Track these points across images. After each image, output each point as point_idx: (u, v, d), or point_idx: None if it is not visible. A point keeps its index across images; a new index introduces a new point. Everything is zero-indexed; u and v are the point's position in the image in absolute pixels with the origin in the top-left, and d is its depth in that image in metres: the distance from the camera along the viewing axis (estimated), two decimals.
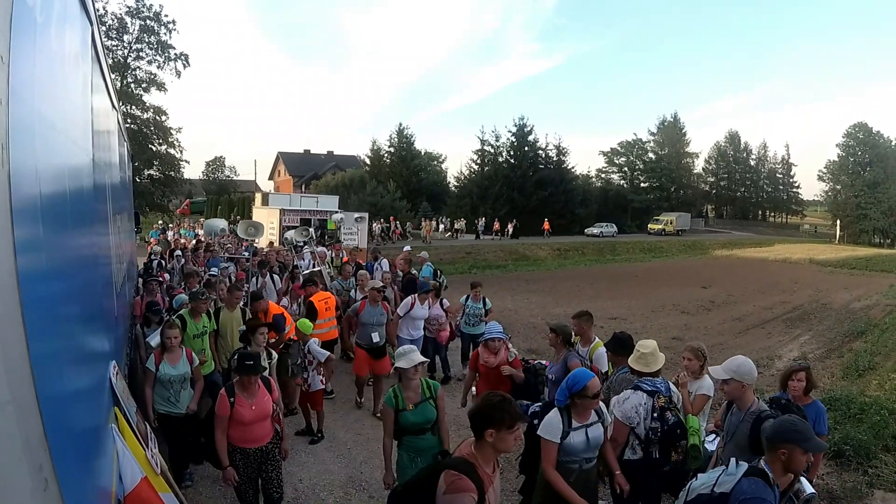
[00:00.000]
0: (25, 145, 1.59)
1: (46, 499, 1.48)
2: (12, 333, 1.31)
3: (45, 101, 2.05)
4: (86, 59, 3.63)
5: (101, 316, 3.90)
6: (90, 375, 2.90)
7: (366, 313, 8.57)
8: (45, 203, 1.89)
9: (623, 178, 74.13)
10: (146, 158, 43.76)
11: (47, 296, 1.89)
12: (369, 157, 62.33)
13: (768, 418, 4.22)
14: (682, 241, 52.53)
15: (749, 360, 4.54)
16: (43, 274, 1.81)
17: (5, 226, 1.33)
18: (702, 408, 5.39)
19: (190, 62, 45.59)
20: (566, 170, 62.09)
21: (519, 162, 58.76)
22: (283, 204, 29.18)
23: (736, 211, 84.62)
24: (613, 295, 22.73)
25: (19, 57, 1.51)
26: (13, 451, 1.20)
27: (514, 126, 60.18)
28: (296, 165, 71.21)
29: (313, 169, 67.39)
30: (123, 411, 3.69)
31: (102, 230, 4.60)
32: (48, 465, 1.53)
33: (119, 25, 42.48)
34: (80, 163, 3.16)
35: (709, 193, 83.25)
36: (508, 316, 16.47)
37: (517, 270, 32.51)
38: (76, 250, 2.80)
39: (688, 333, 15.20)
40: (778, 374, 12.12)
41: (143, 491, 3.40)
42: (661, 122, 74.54)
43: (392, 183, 52.64)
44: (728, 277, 29.23)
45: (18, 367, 1.33)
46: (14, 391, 1.25)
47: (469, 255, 35.75)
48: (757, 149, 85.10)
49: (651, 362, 5.13)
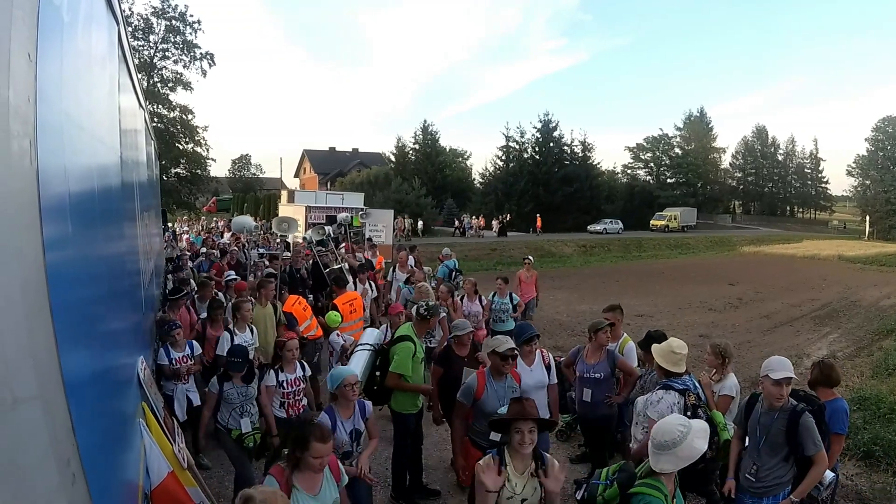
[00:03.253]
0: (53, 144, 1.61)
1: (74, 493, 1.49)
2: (41, 330, 1.33)
3: (73, 100, 2.07)
4: (112, 58, 3.67)
5: (129, 312, 3.95)
6: (118, 370, 2.94)
7: (490, 396, 5.00)
8: (73, 201, 1.92)
9: (649, 173, 73.40)
10: (173, 157, 44.22)
11: (76, 292, 1.91)
12: (394, 154, 62.56)
13: (805, 412, 4.27)
14: (708, 237, 51.63)
15: (785, 360, 4.49)
16: (71, 270, 1.83)
17: (34, 223, 1.34)
18: (727, 408, 5.34)
19: (215, 61, 45.86)
20: (592, 165, 61.61)
21: (544, 158, 58.40)
22: (308, 201, 29.31)
23: (763, 207, 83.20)
24: (639, 292, 22.51)
25: (46, 56, 1.53)
26: (40, 446, 1.22)
27: (539, 122, 59.89)
28: (321, 163, 71.49)
29: (338, 166, 67.64)
30: (151, 406, 3.75)
31: (130, 228, 4.65)
32: (76, 459, 1.55)
33: (145, 26, 42.94)
34: (107, 161, 3.21)
35: (736, 189, 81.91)
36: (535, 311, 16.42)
37: (542, 267, 32.23)
38: (104, 247, 2.83)
39: (715, 331, 15.01)
40: (807, 372, 11.99)
41: (170, 485, 3.45)
42: (688, 116, 73.40)
43: (417, 180, 52.69)
44: (755, 274, 28.76)
45: (46, 362, 1.35)
46: (42, 386, 1.26)
47: (494, 252, 35.67)
48: (785, 143, 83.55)
49: (684, 363, 5.06)
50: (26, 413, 1.12)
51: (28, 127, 1.30)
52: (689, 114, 73.47)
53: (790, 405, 4.35)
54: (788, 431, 4.27)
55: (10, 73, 1.14)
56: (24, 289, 1.21)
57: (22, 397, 1.09)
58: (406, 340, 5.85)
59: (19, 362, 1.12)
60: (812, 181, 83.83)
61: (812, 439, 4.22)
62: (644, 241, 46.40)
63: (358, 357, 6.13)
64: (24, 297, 1.20)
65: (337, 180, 61.27)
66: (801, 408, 4.30)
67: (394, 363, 5.77)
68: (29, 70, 1.33)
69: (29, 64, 1.33)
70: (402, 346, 5.80)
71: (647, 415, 4.81)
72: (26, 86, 1.30)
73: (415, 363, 5.84)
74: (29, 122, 1.32)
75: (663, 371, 5.01)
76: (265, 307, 7.83)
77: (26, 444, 1.11)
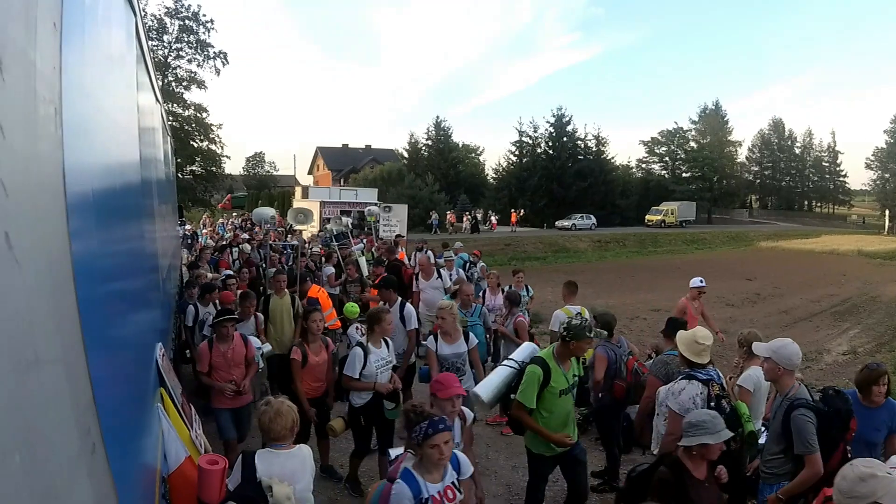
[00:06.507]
0: (77, 141, 1.63)
1: (93, 462, 1.51)
2: (64, 302, 1.34)
3: (94, 96, 2.10)
4: (131, 50, 3.71)
5: (149, 301, 4.01)
6: (137, 355, 2.97)
7: None
8: (96, 197, 1.95)
9: (664, 167, 72.50)
10: (188, 154, 44.44)
11: (100, 282, 1.95)
12: (407, 150, 62.82)
13: (800, 406, 4.12)
14: (725, 232, 51.21)
15: (794, 345, 4.38)
16: (96, 262, 1.87)
17: (61, 217, 1.37)
18: (747, 401, 5.16)
19: (229, 60, 46.13)
20: (606, 160, 61.50)
21: (557, 153, 58.41)
22: (322, 197, 29.48)
23: (781, 201, 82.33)
24: (655, 287, 22.41)
25: (70, 29, 1.55)
26: (62, 409, 1.23)
27: (553, 116, 59.88)
28: (334, 160, 71.66)
29: (352, 163, 67.87)
30: (169, 392, 3.78)
31: (149, 223, 4.73)
32: (96, 430, 1.57)
33: (159, 26, 43.21)
34: (128, 159, 3.25)
35: (752, 183, 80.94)
36: (549, 307, 16.32)
37: (557, 262, 32.36)
38: (126, 241, 2.90)
39: (733, 326, 14.88)
40: (827, 368, 11.91)
41: (187, 470, 3.48)
42: (703, 110, 72.16)
43: (430, 175, 52.76)
44: (773, 270, 28.57)
45: (69, 328, 1.37)
46: (65, 350, 1.29)
47: (508, 247, 35.67)
48: (802, 136, 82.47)
49: (708, 354, 5.01)
50: (48, 373, 1.14)
51: (53, 94, 1.33)
52: (705, 107, 72.38)
53: (794, 395, 4.24)
54: (783, 422, 4.16)
55: (36, 38, 1.16)
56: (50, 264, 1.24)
57: (44, 358, 1.11)
58: (536, 364, 4.87)
59: (43, 325, 1.14)
60: (830, 175, 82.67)
61: (801, 438, 4.01)
62: (660, 236, 46.16)
63: (495, 373, 5.32)
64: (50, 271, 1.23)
65: (350, 177, 61.55)
66: (799, 402, 4.14)
67: (519, 390, 4.90)
68: (54, 38, 1.35)
69: (54, 32, 1.35)
70: (528, 370, 4.87)
71: (668, 405, 4.79)
72: (52, 54, 1.33)
73: (550, 396, 4.84)
74: (55, 89, 1.34)
75: (686, 361, 4.94)
76: (282, 298, 7.94)
77: (48, 404, 1.13)
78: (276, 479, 3.30)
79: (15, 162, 0.97)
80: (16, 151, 0.98)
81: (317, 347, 6.02)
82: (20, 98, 1.03)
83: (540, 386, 4.78)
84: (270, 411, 3.56)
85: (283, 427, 3.56)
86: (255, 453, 3.53)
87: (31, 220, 1.09)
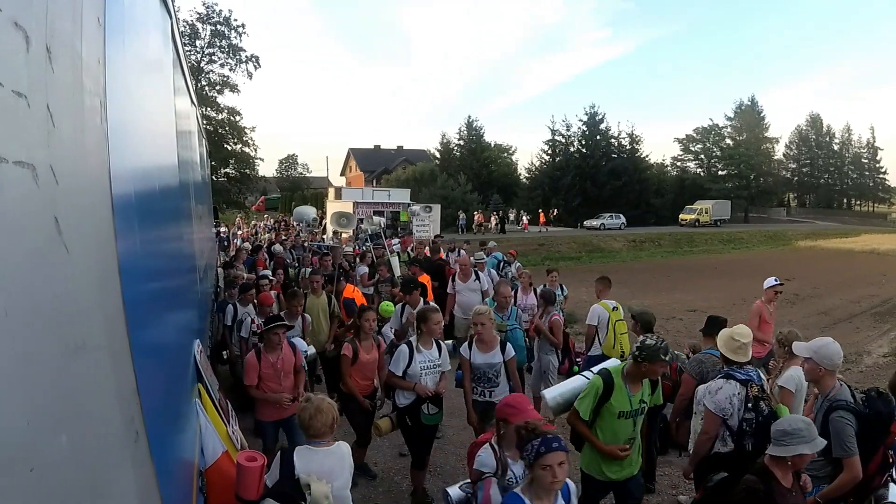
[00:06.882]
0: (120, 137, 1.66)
1: (136, 450, 1.53)
2: (109, 286, 1.37)
3: (135, 94, 2.15)
4: (167, 52, 3.77)
5: (187, 299, 4.08)
6: (177, 350, 3.02)
7: None
8: (138, 195, 1.99)
9: (699, 165, 71.27)
10: (222, 157, 45.26)
11: (142, 274, 1.99)
12: (439, 150, 63.00)
13: (839, 409, 4.03)
14: (762, 231, 50.18)
15: (834, 344, 4.29)
16: (138, 255, 1.91)
17: (107, 208, 1.41)
18: (789, 402, 5.03)
19: (260, 63, 46.92)
20: (640, 158, 60.89)
21: (591, 151, 58.00)
22: (355, 198, 29.65)
23: (819, 199, 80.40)
24: (691, 287, 22.13)
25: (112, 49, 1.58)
26: (108, 396, 1.25)
27: (585, 115, 59.50)
28: (366, 161, 71.90)
29: (384, 164, 68.06)
30: (206, 388, 3.84)
31: (187, 224, 4.82)
32: (139, 419, 1.59)
33: (191, 31, 44.09)
34: (166, 158, 3.31)
35: (790, 181, 79.17)
36: (583, 307, 16.19)
37: (591, 262, 32.10)
38: (166, 242, 2.96)
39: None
40: (867, 370, 11.60)
41: (224, 465, 3.52)
42: (738, 106, 70.51)
43: (462, 175, 52.75)
44: (812, 269, 27.94)
45: (113, 317, 1.39)
46: (110, 339, 1.31)
47: (542, 247, 35.48)
48: (840, 132, 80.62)
49: (746, 352, 4.90)
50: (94, 358, 1.16)
51: (98, 87, 1.35)
52: (740, 103, 70.78)
53: (834, 396, 4.13)
54: (823, 425, 4.03)
55: (82, 31, 1.18)
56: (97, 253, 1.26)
57: (91, 344, 1.13)
58: (601, 376, 4.47)
59: (89, 312, 1.16)
60: (870, 172, 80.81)
61: (839, 441, 3.90)
62: (696, 235, 45.50)
63: (569, 381, 5.06)
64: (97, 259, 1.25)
65: (382, 177, 61.75)
66: (838, 403, 4.02)
67: (578, 397, 4.57)
68: (98, 33, 1.38)
69: (98, 28, 1.38)
70: (590, 383, 4.50)
71: (704, 404, 4.69)
72: (97, 48, 1.35)
73: (607, 415, 4.40)
74: (99, 83, 1.37)
75: (725, 359, 4.82)
76: (319, 297, 8.08)
77: (94, 389, 1.15)
78: (314, 476, 3.31)
79: (64, 150, 0.99)
80: (65, 140, 1.00)
81: (368, 345, 6.05)
82: (68, 89, 1.05)
83: (598, 400, 4.38)
84: (311, 408, 3.56)
85: (324, 424, 3.56)
86: (294, 450, 3.55)
87: (79, 209, 1.11)
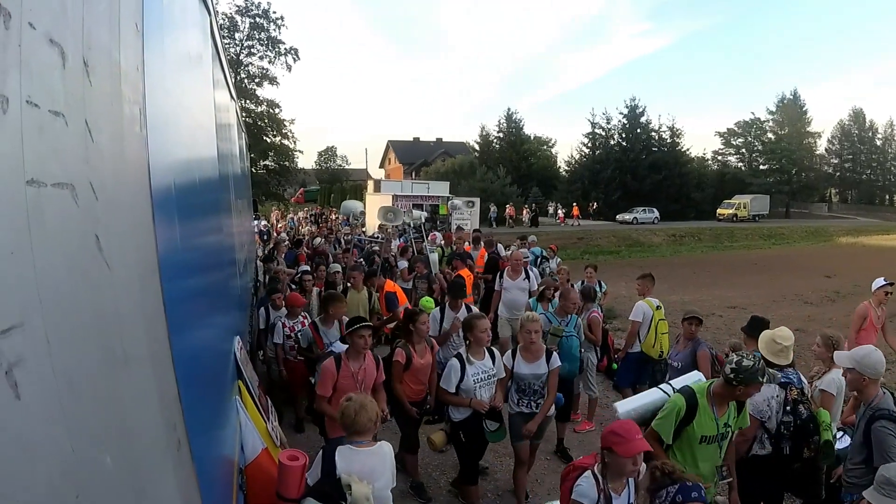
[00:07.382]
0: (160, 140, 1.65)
1: (179, 458, 1.54)
2: (153, 309, 1.36)
3: (175, 95, 2.15)
4: (206, 49, 3.79)
5: (227, 295, 4.10)
6: (218, 349, 3.04)
7: None
8: (178, 195, 2.00)
9: (741, 159, 69.58)
10: (261, 150, 45.69)
11: (183, 279, 1.99)
12: (478, 142, 62.71)
13: (882, 418, 3.89)
14: (803, 227, 48.81)
15: (878, 353, 4.14)
16: (180, 260, 1.91)
17: (147, 218, 1.40)
18: (829, 406, 4.89)
19: (300, 56, 47.17)
20: (680, 152, 59.77)
21: (631, 145, 57.19)
22: (394, 190, 29.53)
23: (861, 195, 77.68)
24: (731, 283, 21.66)
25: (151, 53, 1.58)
26: (151, 405, 1.25)
27: (626, 108, 58.62)
28: (405, 153, 71.83)
29: (423, 156, 67.93)
30: (246, 384, 3.86)
31: (227, 218, 4.84)
32: (181, 425, 1.60)
33: (230, 24, 44.57)
34: (207, 155, 3.32)
35: (832, 176, 76.61)
36: (623, 303, 16.00)
37: (630, 257, 31.72)
38: (206, 236, 2.97)
39: (811, 325, 14.21)
40: None
41: (264, 462, 3.54)
42: (781, 99, 68.69)
43: (502, 168, 52.39)
44: (853, 266, 27.04)
45: (155, 326, 1.39)
46: (151, 349, 1.31)
47: (581, 241, 35.19)
48: (883, 127, 77.27)
49: (788, 355, 4.76)
50: (137, 371, 1.15)
51: (138, 95, 1.34)
52: (782, 96, 68.88)
53: (877, 405, 3.98)
54: (865, 432, 3.92)
55: (120, 40, 1.16)
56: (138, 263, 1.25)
57: (133, 356, 1.11)
58: (683, 395, 4.07)
59: (132, 325, 1.15)
60: None
61: (881, 450, 3.76)
62: (736, 230, 44.56)
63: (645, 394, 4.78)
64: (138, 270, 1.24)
65: (421, 170, 61.71)
66: (881, 412, 3.88)
67: (656, 417, 4.13)
68: (137, 40, 1.37)
69: (136, 34, 1.36)
70: (672, 400, 4.10)
71: None
72: (135, 55, 1.34)
73: (687, 439, 3.98)
74: (138, 90, 1.36)
75: (767, 362, 4.62)
76: (360, 292, 8.02)
77: (138, 401, 1.14)
78: (355, 476, 3.29)
79: (103, 164, 0.98)
80: (104, 154, 0.98)
81: (422, 349, 5.71)
82: (107, 100, 1.04)
83: (679, 422, 3.97)
84: (355, 405, 3.53)
85: (368, 419, 3.52)
86: (335, 449, 3.52)
87: (120, 223, 1.10)
